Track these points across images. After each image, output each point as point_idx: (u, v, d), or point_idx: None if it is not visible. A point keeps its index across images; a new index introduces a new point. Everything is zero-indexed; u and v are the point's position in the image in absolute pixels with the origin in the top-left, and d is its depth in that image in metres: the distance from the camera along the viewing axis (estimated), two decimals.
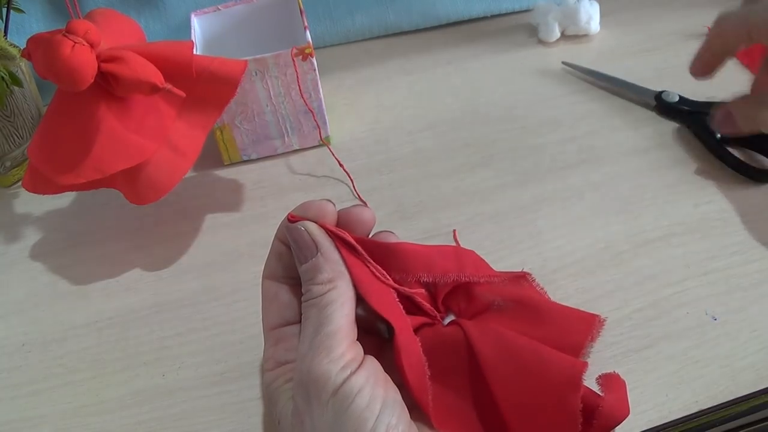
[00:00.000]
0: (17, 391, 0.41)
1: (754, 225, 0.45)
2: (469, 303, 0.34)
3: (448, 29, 0.68)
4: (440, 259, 0.33)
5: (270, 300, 0.32)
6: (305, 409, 0.27)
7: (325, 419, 0.25)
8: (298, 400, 0.27)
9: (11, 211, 0.54)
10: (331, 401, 0.26)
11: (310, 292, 0.30)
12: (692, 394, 0.36)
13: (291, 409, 0.28)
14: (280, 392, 0.29)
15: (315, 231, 0.31)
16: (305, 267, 0.31)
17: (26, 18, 0.60)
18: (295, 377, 0.28)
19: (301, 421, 0.26)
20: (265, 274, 0.33)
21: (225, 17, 0.56)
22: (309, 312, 0.29)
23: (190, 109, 0.46)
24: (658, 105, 0.55)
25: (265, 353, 0.31)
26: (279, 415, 0.28)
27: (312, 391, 0.26)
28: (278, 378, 0.29)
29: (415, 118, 0.58)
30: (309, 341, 0.28)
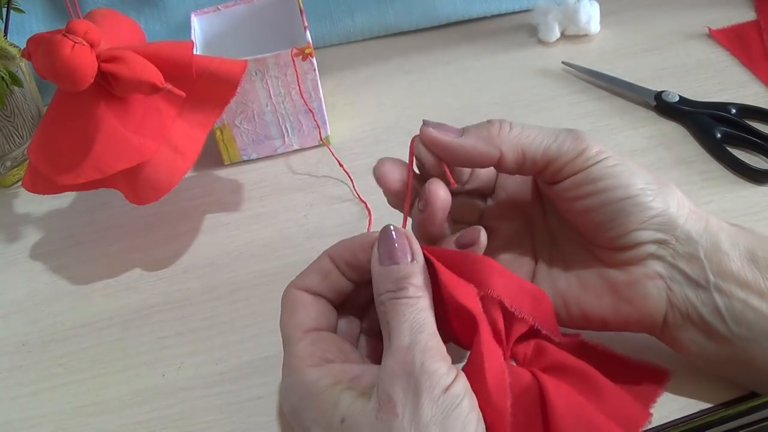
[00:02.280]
0: (17, 391, 0.41)
1: (754, 225, 0.45)
2: (537, 356, 0.33)
3: (448, 29, 0.68)
4: (521, 290, 0.32)
5: (304, 306, 0.32)
6: (406, 401, 0.26)
7: (435, 413, 0.26)
8: (395, 391, 0.27)
9: (11, 211, 0.54)
10: (442, 398, 0.27)
11: (405, 290, 0.30)
12: (692, 394, 0.35)
13: (373, 403, 0.27)
14: (332, 390, 0.28)
15: (414, 240, 0.32)
16: (398, 268, 0.31)
17: (26, 18, 0.60)
18: (392, 367, 0.28)
19: (395, 412, 0.26)
20: (298, 285, 0.33)
21: (225, 17, 0.56)
22: (402, 309, 0.29)
23: (190, 109, 0.46)
24: (658, 105, 0.55)
25: (299, 352, 0.31)
26: (344, 413, 0.27)
27: (424, 384, 0.27)
28: (326, 376, 0.29)
29: (415, 118, 0.57)
30: (409, 336, 0.28)
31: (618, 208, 0.32)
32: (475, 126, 0.34)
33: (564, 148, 0.33)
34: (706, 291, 0.32)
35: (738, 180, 0.48)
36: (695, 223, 0.33)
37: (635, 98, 0.56)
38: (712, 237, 0.32)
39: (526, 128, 0.33)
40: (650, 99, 0.55)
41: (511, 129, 0.33)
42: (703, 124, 0.52)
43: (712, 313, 0.32)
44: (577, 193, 0.33)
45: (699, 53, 0.60)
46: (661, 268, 0.33)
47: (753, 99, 0.54)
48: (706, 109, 0.53)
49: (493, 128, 0.33)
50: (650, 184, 0.33)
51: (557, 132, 0.33)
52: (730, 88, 0.56)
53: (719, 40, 0.61)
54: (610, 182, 0.32)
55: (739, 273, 0.32)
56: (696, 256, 0.32)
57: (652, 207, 0.32)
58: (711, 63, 0.59)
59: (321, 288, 0.33)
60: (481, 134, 0.33)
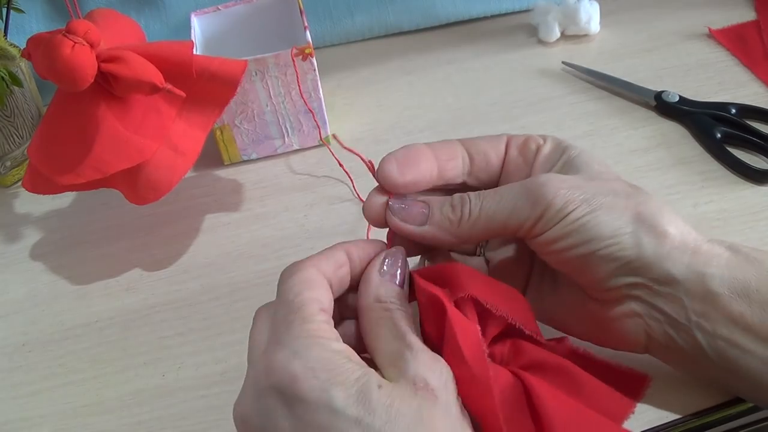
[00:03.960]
0: (17, 391, 0.41)
1: (754, 225, 0.45)
2: (514, 355, 0.33)
3: (448, 29, 0.68)
4: (496, 290, 0.33)
5: (323, 288, 0.31)
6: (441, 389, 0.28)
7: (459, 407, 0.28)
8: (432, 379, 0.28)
9: (11, 211, 0.54)
10: (458, 400, 0.28)
11: (405, 306, 0.31)
12: (692, 394, 0.35)
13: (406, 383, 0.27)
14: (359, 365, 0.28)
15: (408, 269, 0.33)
16: (398, 289, 0.32)
17: (26, 18, 0.60)
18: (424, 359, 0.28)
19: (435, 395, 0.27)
20: (315, 264, 0.31)
21: (225, 17, 0.56)
22: (407, 317, 0.31)
23: (190, 109, 0.46)
24: (658, 105, 0.55)
25: (321, 323, 0.29)
26: (380, 382, 0.27)
27: (450, 381, 0.29)
28: (348, 352, 0.28)
29: (415, 118, 0.58)
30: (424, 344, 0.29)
31: (586, 262, 0.31)
32: (438, 208, 0.34)
33: (523, 216, 0.32)
34: (686, 329, 0.31)
35: (738, 180, 0.48)
36: (678, 259, 0.31)
37: (635, 98, 0.56)
38: (698, 273, 0.31)
39: (486, 203, 0.33)
40: (650, 99, 0.55)
41: (470, 214, 0.33)
42: (703, 124, 0.52)
43: (693, 348, 0.32)
44: (547, 250, 0.32)
45: (699, 53, 0.60)
46: (639, 307, 0.32)
47: (753, 99, 0.54)
48: (706, 109, 0.53)
49: (453, 215, 0.33)
50: (621, 227, 0.31)
51: (515, 198, 0.32)
52: (730, 88, 0.56)
53: (719, 40, 0.61)
54: (575, 239, 0.31)
55: (725, 309, 0.30)
56: (675, 295, 0.31)
57: (620, 257, 0.31)
58: (711, 63, 0.59)
59: (334, 278, 0.32)
60: (442, 224, 0.33)
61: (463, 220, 0.33)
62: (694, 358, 0.32)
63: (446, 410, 0.27)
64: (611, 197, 0.32)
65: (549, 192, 0.31)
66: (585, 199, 0.31)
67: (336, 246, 0.33)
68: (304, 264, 0.32)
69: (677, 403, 0.35)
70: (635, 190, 0.33)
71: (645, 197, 0.32)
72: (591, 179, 0.33)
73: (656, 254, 0.31)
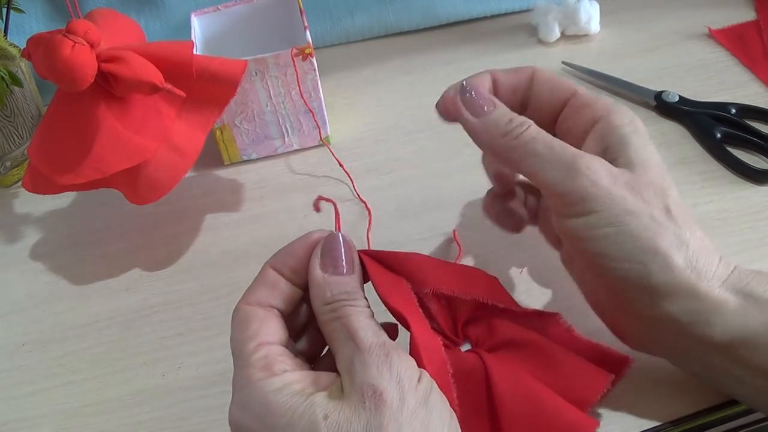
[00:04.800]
0: (17, 391, 0.41)
1: (754, 225, 0.45)
2: (489, 335, 0.33)
3: (448, 29, 0.68)
4: (461, 276, 0.33)
5: (257, 320, 0.31)
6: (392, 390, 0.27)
7: (417, 399, 0.28)
8: (380, 382, 0.27)
9: (11, 211, 0.54)
10: (419, 386, 0.28)
11: (356, 300, 0.31)
12: (692, 394, 0.35)
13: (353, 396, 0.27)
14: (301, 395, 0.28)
15: (353, 248, 0.33)
16: (344, 280, 0.31)
17: (26, 18, 0.60)
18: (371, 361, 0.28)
19: (383, 399, 0.27)
20: (248, 301, 0.32)
21: (225, 17, 0.56)
22: (358, 314, 0.30)
23: (190, 109, 0.46)
24: (658, 105, 0.55)
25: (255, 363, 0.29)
26: (325, 410, 0.27)
27: (404, 375, 0.28)
28: (289, 384, 0.28)
29: (415, 118, 0.58)
30: (375, 336, 0.29)
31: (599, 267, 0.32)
32: (500, 113, 0.33)
33: (552, 178, 0.31)
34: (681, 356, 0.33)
35: (738, 180, 0.48)
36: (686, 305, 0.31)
37: (635, 98, 0.56)
38: (704, 321, 0.31)
39: (537, 142, 0.32)
40: (650, 99, 0.55)
41: (518, 138, 0.32)
42: (703, 124, 0.52)
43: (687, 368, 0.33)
44: (563, 235, 0.33)
45: (699, 53, 0.60)
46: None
47: (753, 99, 0.54)
48: (706, 109, 0.53)
49: (506, 127, 0.33)
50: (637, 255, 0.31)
51: (558, 158, 0.32)
52: (730, 88, 0.56)
53: (719, 40, 0.61)
54: (590, 245, 0.31)
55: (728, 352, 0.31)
56: (678, 332, 0.31)
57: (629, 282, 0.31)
58: (711, 63, 0.59)
59: (272, 300, 0.32)
60: (490, 127, 0.33)
61: (509, 137, 0.32)
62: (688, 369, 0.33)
63: (398, 410, 0.27)
64: (641, 219, 0.31)
65: (587, 177, 0.31)
66: (614, 206, 0.31)
67: (264, 266, 0.33)
68: (239, 304, 0.32)
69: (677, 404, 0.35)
70: (669, 218, 0.31)
71: (674, 228, 0.31)
72: (637, 186, 0.32)
73: (665, 294, 0.31)
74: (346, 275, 0.31)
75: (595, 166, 0.31)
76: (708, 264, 0.31)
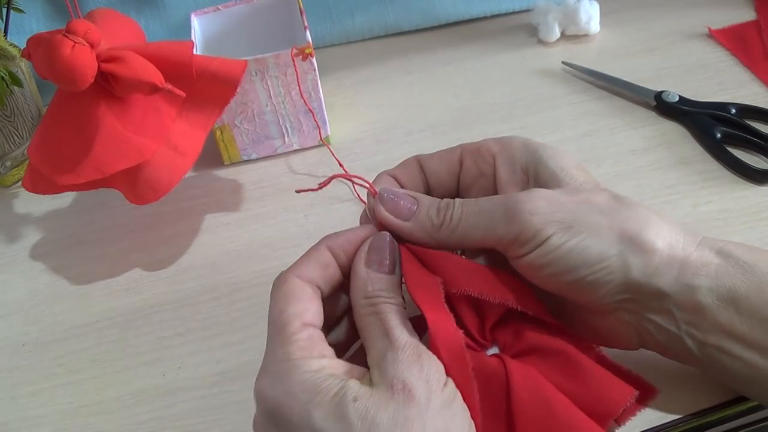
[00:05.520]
0: (17, 391, 0.41)
1: (754, 225, 0.45)
2: (516, 340, 0.33)
3: (448, 29, 0.68)
4: (495, 282, 0.33)
5: (306, 299, 0.31)
6: (420, 388, 0.28)
7: (442, 401, 0.28)
8: (410, 378, 0.28)
9: (11, 211, 0.54)
10: (444, 390, 0.28)
11: (395, 298, 0.31)
12: (692, 394, 0.35)
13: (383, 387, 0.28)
14: (335, 379, 0.28)
15: (397, 251, 0.33)
16: (388, 278, 0.32)
17: (26, 18, 0.60)
18: (403, 359, 0.29)
19: (412, 395, 0.27)
20: (300, 274, 0.32)
21: (225, 17, 0.56)
22: (396, 312, 0.31)
23: (190, 109, 0.46)
24: (658, 105, 0.55)
25: (299, 341, 0.30)
26: (356, 394, 0.27)
27: (432, 377, 0.28)
28: (326, 367, 0.29)
29: (415, 118, 0.58)
30: (408, 336, 0.29)
31: (573, 287, 0.31)
32: (425, 207, 0.34)
33: (499, 233, 0.32)
34: (677, 337, 0.32)
35: (738, 180, 0.48)
36: (666, 273, 0.31)
37: (635, 98, 0.56)
38: (686, 286, 0.31)
39: (465, 212, 0.33)
40: (650, 99, 0.55)
41: (450, 221, 0.33)
42: (703, 124, 0.52)
43: (683, 352, 0.32)
44: (531, 275, 0.32)
45: (699, 53, 0.60)
46: (630, 317, 0.32)
47: (753, 99, 0.54)
48: (706, 109, 0.53)
49: (437, 218, 0.33)
50: (607, 250, 0.31)
51: (492, 212, 0.32)
52: (730, 88, 0.56)
53: (719, 40, 0.61)
54: (559, 267, 0.31)
55: (713, 319, 0.31)
56: (665, 307, 0.31)
57: (608, 281, 0.31)
58: (711, 63, 0.59)
59: (320, 280, 0.32)
60: (424, 225, 0.33)
61: (444, 226, 0.33)
62: (685, 358, 0.33)
63: (425, 407, 0.27)
64: (596, 216, 0.31)
65: (525, 211, 0.31)
66: (566, 221, 0.31)
67: (319, 244, 0.33)
68: (287, 275, 0.32)
69: (677, 403, 0.35)
70: (619, 203, 0.32)
71: (630, 211, 0.32)
72: (573, 192, 0.32)
73: (644, 273, 0.31)
74: (388, 274, 0.32)
75: (525, 197, 0.32)
76: (675, 232, 0.32)
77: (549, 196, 0.32)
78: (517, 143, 0.35)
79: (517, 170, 0.35)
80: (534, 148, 0.35)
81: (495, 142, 0.36)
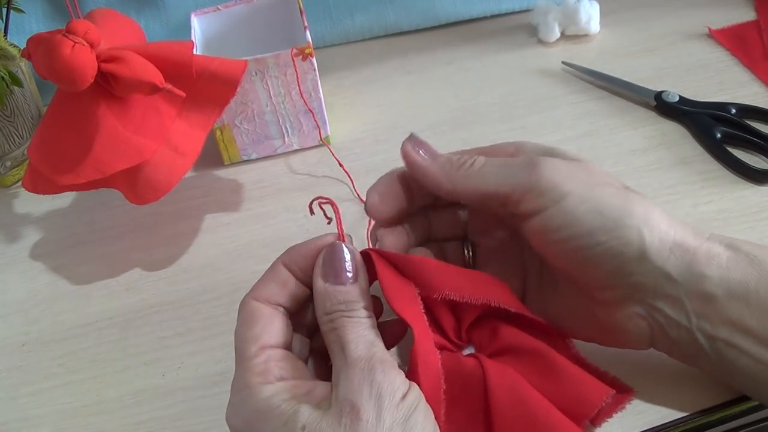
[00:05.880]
0: (17, 391, 0.41)
1: (754, 225, 0.45)
2: (492, 340, 0.33)
3: (448, 29, 0.68)
4: (471, 282, 0.33)
5: (264, 319, 0.31)
6: (370, 407, 0.27)
7: (396, 417, 0.27)
8: (358, 398, 0.28)
9: (11, 211, 0.54)
10: (401, 404, 0.28)
11: (354, 311, 0.31)
12: (692, 394, 0.35)
13: (334, 411, 0.28)
14: (288, 404, 0.28)
15: (357, 257, 0.33)
16: (345, 290, 0.31)
17: (26, 18, 0.60)
18: (353, 376, 0.28)
19: (360, 417, 0.27)
20: (257, 296, 0.32)
21: (225, 17, 0.56)
22: (354, 325, 0.30)
23: (190, 109, 0.46)
24: (658, 105, 0.55)
25: (253, 367, 0.30)
26: (305, 422, 0.27)
27: (385, 391, 0.28)
28: (280, 392, 0.29)
29: (415, 118, 0.58)
30: (365, 349, 0.29)
31: (587, 256, 0.31)
32: (448, 155, 0.35)
33: (516, 180, 0.32)
34: (688, 330, 0.31)
35: (738, 180, 0.48)
36: (677, 260, 0.31)
37: (635, 98, 0.56)
38: (697, 275, 0.30)
39: (489, 162, 0.33)
40: (650, 99, 0.55)
41: (471, 165, 0.33)
42: (703, 124, 0.52)
43: (694, 348, 0.32)
44: (543, 239, 0.32)
45: (699, 53, 0.60)
46: (642, 309, 0.32)
47: (753, 99, 0.54)
48: (706, 109, 0.53)
49: (457, 161, 0.34)
50: (625, 219, 0.31)
51: (515, 165, 0.33)
52: (730, 88, 0.56)
53: (719, 40, 0.61)
54: (574, 230, 0.31)
55: (723, 312, 0.30)
56: (676, 297, 0.31)
57: (625, 252, 0.30)
58: (711, 63, 0.59)
59: (280, 298, 0.32)
60: (444, 166, 0.34)
61: (463, 167, 0.33)
62: (695, 355, 0.32)
63: (372, 428, 0.27)
64: (612, 189, 0.32)
65: (546, 166, 0.32)
66: (584, 185, 0.31)
67: (276, 262, 0.33)
68: (246, 298, 0.32)
69: (677, 403, 0.35)
70: (629, 190, 0.33)
71: (640, 197, 0.32)
72: (588, 176, 0.33)
73: (658, 253, 0.31)
74: (347, 284, 0.32)
75: (549, 159, 0.32)
76: (683, 225, 0.32)
77: (570, 164, 0.33)
78: (530, 144, 0.36)
79: None
80: (547, 147, 0.35)
81: (509, 145, 0.36)
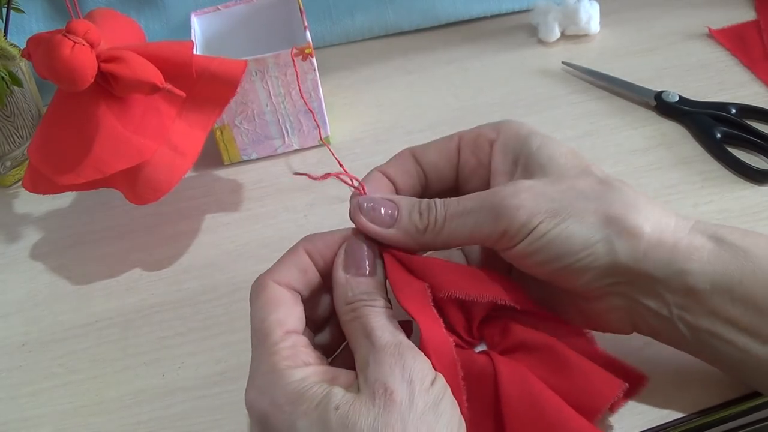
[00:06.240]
0: (17, 391, 0.41)
1: (754, 225, 0.45)
2: (503, 337, 0.33)
3: (448, 29, 0.68)
4: (482, 281, 0.33)
5: (287, 305, 0.31)
6: (403, 390, 0.28)
7: (427, 402, 0.28)
8: (392, 381, 0.28)
9: (11, 211, 0.54)
10: (431, 389, 0.28)
11: (377, 300, 0.31)
12: (692, 394, 0.35)
13: (366, 393, 0.28)
14: (320, 387, 0.28)
15: (376, 252, 0.33)
16: (367, 280, 0.32)
17: (26, 18, 0.60)
18: (385, 361, 0.28)
19: (393, 399, 0.27)
20: (278, 279, 0.32)
21: (225, 17, 0.56)
22: (378, 314, 0.31)
23: (190, 109, 0.46)
24: (658, 105, 0.55)
25: (281, 351, 0.30)
26: (338, 402, 0.27)
27: (416, 376, 0.28)
28: (310, 375, 0.29)
29: (415, 118, 0.58)
30: (392, 336, 0.29)
31: (561, 273, 0.31)
32: (407, 212, 0.33)
33: (486, 231, 0.32)
34: (669, 321, 0.31)
35: (738, 180, 0.48)
36: (655, 257, 0.31)
37: (635, 98, 0.56)
38: (677, 271, 0.30)
39: (450, 213, 0.32)
40: (650, 99, 0.55)
41: (435, 223, 0.32)
42: (703, 124, 0.52)
43: (676, 336, 0.32)
44: (519, 263, 0.32)
45: (699, 53, 0.60)
46: (622, 301, 0.32)
47: (753, 99, 0.54)
48: (706, 109, 0.53)
49: (420, 222, 0.33)
50: (592, 236, 0.30)
51: (477, 211, 0.32)
52: (730, 88, 0.56)
53: (719, 40, 0.61)
54: (546, 255, 0.31)
55: (706, 304, 0.30)
56: (656, 291, 0.31)
57: (595, 266, 0.31)
58: (711, 63, 0.59)
59: (299, 284, 0.32)
60: (408, 230, 0.33)
61: (428, 229, 0.33)
62: (677, 342, 0.33)
63: (407, 411, 0.27)
64: (581, 202, 0.31)
65: (511, 206, 0.31)
66: (551, 210, 0.31)
67: (297, 247, 0.33)
68: (266, 280, 0.32)
69: (677, 403, 0.35)
70: (605, 187, 0.32)
71: (616, 194, 0.32)
72: (558, 180, 0.32)
73: (632, 257, 0.31)
74: (368, 276, 0.32)
75: (509, 191, 0.32)
76: (665, 216, 0.32)
77: (533, 187, 0.32)
78: (512, 131, 0.35)
79: (509, 159, 0.35)
80: (524, 137, 0.35)
81: (492, 129, 0.36)
